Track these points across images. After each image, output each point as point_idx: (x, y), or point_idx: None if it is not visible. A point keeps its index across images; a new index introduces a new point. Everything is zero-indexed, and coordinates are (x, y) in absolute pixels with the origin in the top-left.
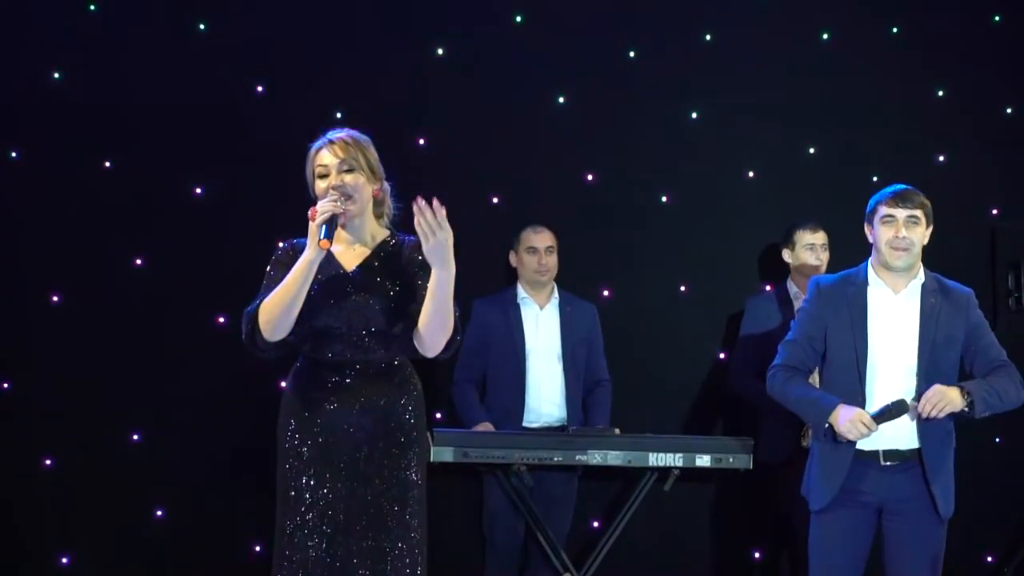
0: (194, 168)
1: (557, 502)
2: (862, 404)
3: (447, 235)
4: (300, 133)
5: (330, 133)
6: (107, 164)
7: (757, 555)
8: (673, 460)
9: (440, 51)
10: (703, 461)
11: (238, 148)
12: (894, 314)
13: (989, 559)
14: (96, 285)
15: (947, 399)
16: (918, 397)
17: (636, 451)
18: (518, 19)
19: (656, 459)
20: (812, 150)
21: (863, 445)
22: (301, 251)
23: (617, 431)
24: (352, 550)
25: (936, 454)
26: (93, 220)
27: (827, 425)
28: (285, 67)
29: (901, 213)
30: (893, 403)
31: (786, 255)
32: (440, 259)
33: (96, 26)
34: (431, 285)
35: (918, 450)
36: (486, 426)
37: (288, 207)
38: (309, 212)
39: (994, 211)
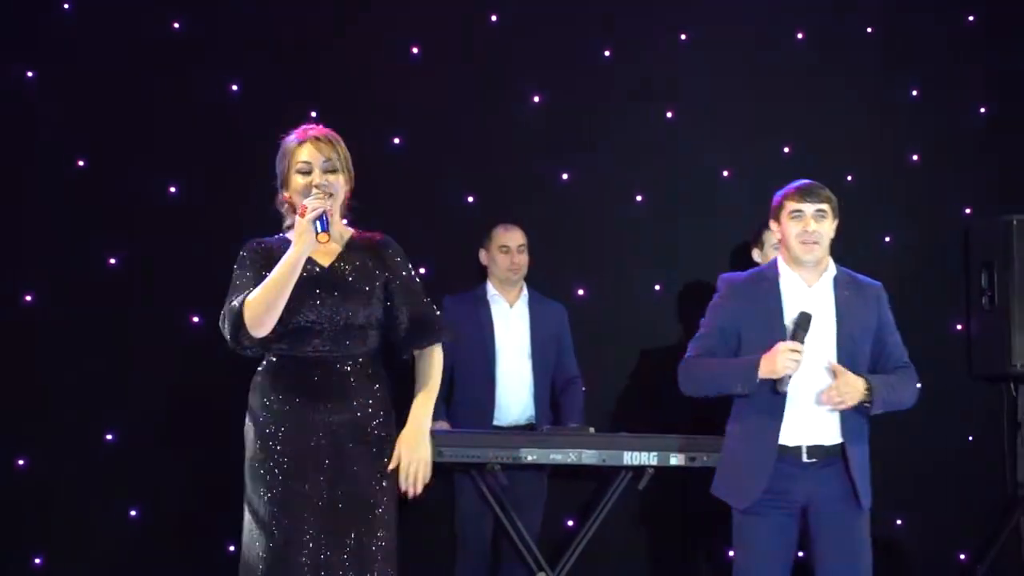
0: (168, 167)
1: (528, 501)
2: (782, 399)
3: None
4: (275, 132)
5: (307, 128)
6: (80, 163)
7: (732, 553)
8: (647, 459)
9: (415, 49)
10: (677, 460)
11: (213, 147)
12: (809, 308)
13: (962, 557)
14: (70, 284)
15: (853, 393)
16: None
17: (610, 450)
18: (493, 18)
19: (630, 458)
20: (786, 149)
21: (786, 440)
22: (270, 249)
23: (591, 430)
24: (332, 550)
25: (858, 448)
26: (66, 219)
27: (758, 380)
28: (260, 66)
29: (809, 208)
30: (796, 319)
31: (755, 255)
32: None
33: (70, 24)
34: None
35: (841, 445)
36: (442, 424)
37: (263, 206)
38: (298, 208)
39: (967, 210)
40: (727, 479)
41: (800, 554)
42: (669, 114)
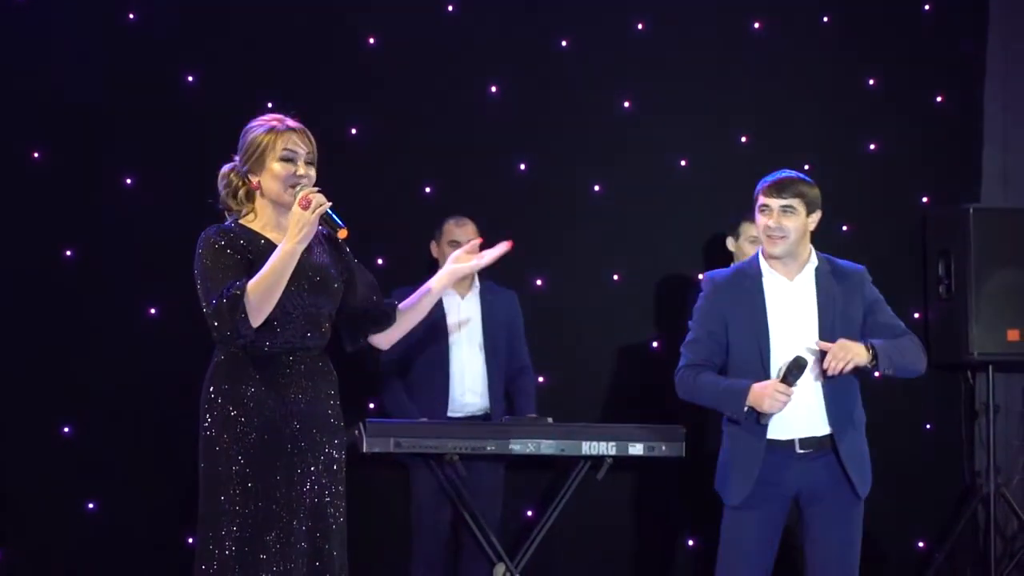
0: (125, 158)
1: (486, 491)
2: None
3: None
4: (231, 122)
5: (283, 118)
6: (35, 155)
7: (691, 543)
8: (606, 449)
9: (372, 40)
10: (635, 449)
11: (169, 138)
12: (791, 301)
13: (920, 544)
14: (26, 277)
15: (852, 352)
16: (824, 381)
17: (569, 440)
18: (450, 8)
19: (589, 448)
20: (744, 139)
21: (778, 435)
22: (239, 237)
23: (550, 420)
24: (302, 545)
25: (848, 436)
26: (22, 211)
27: (747, 408)
28: (216, 56)
29: (775, 203)
30: (790, 363)
31: (729, 243)
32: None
33: (24, 15)
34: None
35: (831, 436)
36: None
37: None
38: (299, 198)
39: (924, 199)
40: (722, 475)
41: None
42: (626, 104)
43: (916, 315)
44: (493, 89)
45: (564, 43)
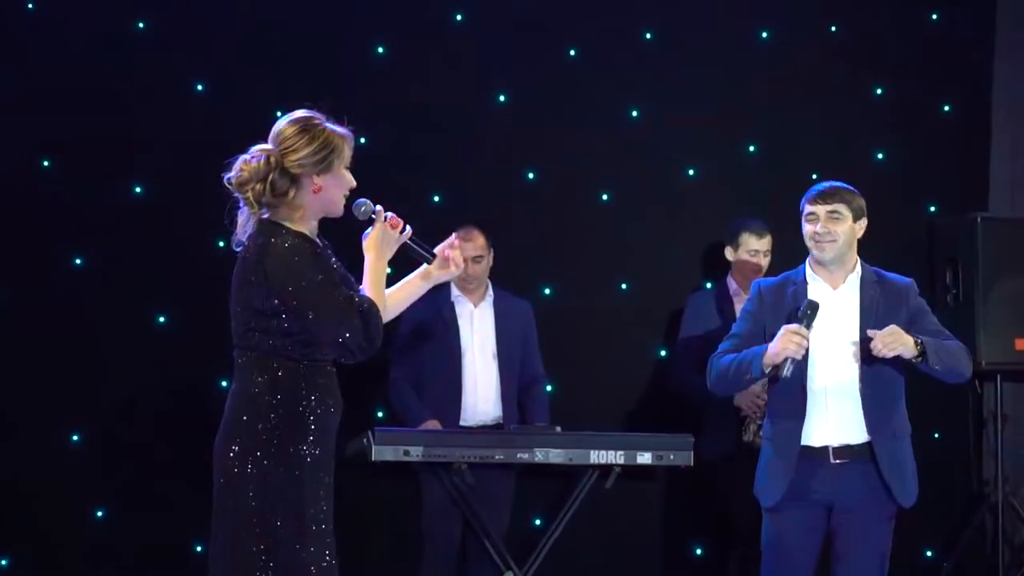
0: (134, 167)
1: (495, 500)
2: (804, 400)
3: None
4: (240, 131)
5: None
6: (45, 163)
7: (698, 551)
8: (614, 457)
9: (381, 49)
10: (644, 458)
11: (178, 147)
12: (834, 309)
13: (928, 554)
14: (35, 285)
15: (901, 340)
16: (863, 389)
17: (577, 449)
18: (459, 17)
19: (597, 456)
20: (752, 148)
21: (812, 441)
22: (316, 245)
23: (558, 429)
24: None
25: (888, 446)
26: (31, 219)
27: (768, 370)
28: (225, 64)
29: (822, 209)
30: (804, 306)
31: (728, 253)
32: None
33: (33, 23)
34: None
35: (868, 444)
36: (434, 424)
37: (228, 206)
38: (388, 218)
39: (931, 208)
40: (759, 478)
41: None
42: (635, 113)
43: None
44: (502, 98)
45: (572, 52)
